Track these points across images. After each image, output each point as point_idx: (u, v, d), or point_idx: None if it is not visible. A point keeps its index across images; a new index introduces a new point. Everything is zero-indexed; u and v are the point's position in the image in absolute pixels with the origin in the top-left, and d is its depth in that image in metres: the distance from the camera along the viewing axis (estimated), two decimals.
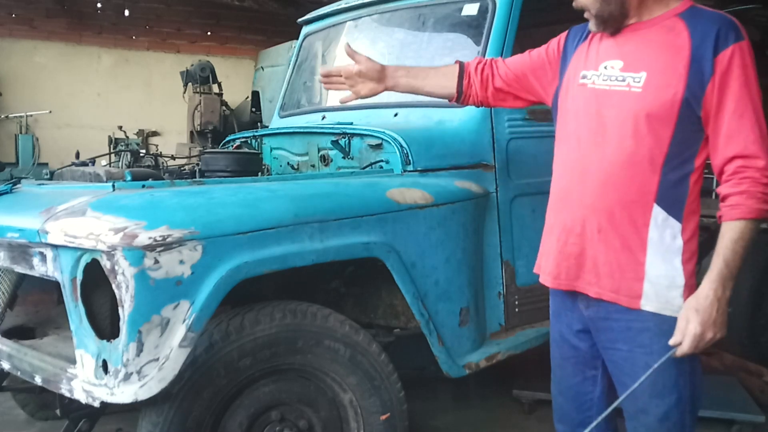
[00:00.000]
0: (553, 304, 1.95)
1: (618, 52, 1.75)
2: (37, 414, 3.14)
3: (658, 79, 1.65)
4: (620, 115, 1.69)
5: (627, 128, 1.68)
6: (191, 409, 2.02)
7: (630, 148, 1.68)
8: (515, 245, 2.88)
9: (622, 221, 1.70)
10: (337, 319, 2.27)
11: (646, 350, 1.70)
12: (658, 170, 1.66)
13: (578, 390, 1.91)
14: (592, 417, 1.88)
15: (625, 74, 1.70)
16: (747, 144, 1.59)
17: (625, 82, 1.70)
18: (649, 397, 1.72)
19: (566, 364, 1.92)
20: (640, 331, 1.71)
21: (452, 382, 2.69)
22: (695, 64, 1.61)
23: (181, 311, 1.90)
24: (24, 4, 8.76)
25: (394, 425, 2.36)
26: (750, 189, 1.58)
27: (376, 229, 2.32)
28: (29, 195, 2.40)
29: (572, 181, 1.80)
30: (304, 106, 3.77)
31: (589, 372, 1.89)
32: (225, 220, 2.01)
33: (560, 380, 1.95)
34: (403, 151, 2.65)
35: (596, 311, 1.78)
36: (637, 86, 1.67)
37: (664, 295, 1.68)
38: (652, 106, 1.65)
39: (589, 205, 1.74)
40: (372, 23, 3.50)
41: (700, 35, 1.62)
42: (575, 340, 1.89)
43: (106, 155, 6.74)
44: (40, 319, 2.62)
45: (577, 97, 1.81)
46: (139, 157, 6.04)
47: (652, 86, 1.65)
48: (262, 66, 8.72)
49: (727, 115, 1.61)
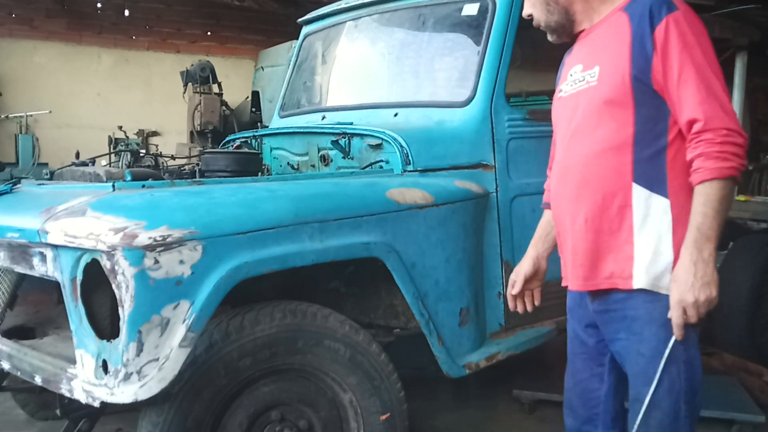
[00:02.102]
0: (568, 300, 2.01)
1: (577, 57, 1.86)
2: (37, 414, 3.14)
3: (608, 67, 1.73)
4: (585, 110, 1.77)
5: (593, 119, 1.75)
6: (191, 409, 2.02)
7: (599, 137, 1.74)
8: (515, 245, 2.88)
9: (605, 206, 1.74)
10: (337, 319, 2.27)
11: (638, 338, 1.74)
12: (629, 151, 1.71)
13: (586, 386, 1.95)
14: (599, 414, 1.92)
15: (584, 74, 1.80)
16: (694, 107, 1.63)
17: (584, 80, 1.79)
18: (641, 384, 1.74)
19: (577, 359, 1.97)
20: (634, 319, 1.74)
21: (452, 382, 2.69)
22: (636, 44, 1.68)
23: (181, 311, 1.90)
24: (24, 4, 8.75)
25: (394, 425, 2.36)
26: (705, 150, 1.61)
27: (376, 229, 2.32)
28: (29, 195, 2.40)
29: (558, 183, 1.89)
30: (304, 106, 3.77)
31: (596, 369, 1.93)
32: (225, 220, 2.01)
33: (572, 374, 2.00)
34: (403, 151, 2.65)
35: (599, 304, 1.82)
36: (593, 80, 1.76)
37: (654, 271, 1.70)
38: (607, 92, 1.72)
39: (573, 198, 1.81)
40: (372, 23, 3.50)
41: (637, 17, 1.70)
42: (584, 336, 1.94)
43: (106, 155, 6.74)
44: (40, 319, 2.62)
45: (557, 110, 1.93)
46: (139, 157, 6.04)
47: (604, 75, 1.73)
48: (262, 66, 8.71)
49: (673, 84, 1.66)
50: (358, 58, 3.70)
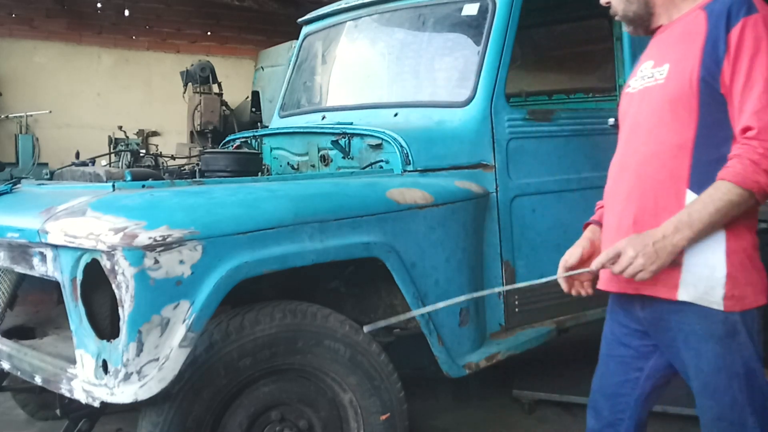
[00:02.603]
0: (610, 301, 1.94)
1: (650, 53, 1.79)
2: (37, 414, 3.14)
3: (678, 66, 1.66)
4: (649, 108, 1.71)
5: (655, 118, 1.69)
6: (191, 409, 2.02)
7: (658, 137, 1.68)
8: (515, 245, 2.88)
9: (656, 210, 1.67)
10: (337, 319, 2.27)
11: (695, 353, 1.68)
12: (688, 155, 1.63)
13: (616, 390, 1.88)
14: (624, 420, 1.86)
15: (653, 71, 1.73)
16: (751, 115, 1.57)
17: (653, 77, 1.72)
18: (705, 398, 1.70)
19: (611, 362, 1.90)
20: (689, 333, 1.68)
21: (452, 382, 2.69)
22: (710, 44, 1.61)
23: (181, 311, 1.90)
24: (24, 4, 8.76)
25: (394, 425, 2.36)
26: (744, 154, 1.55)
27: (376, 229, 2.32)
28: (29, 195, 2.40)
29: (613, 181, 1.82)
30: (304, 106, 3.77)
31: (631, 374, 1.86)
32: (225, 220, 2.01)
33: (602, 376, 1.93)
34: (403, 151, 2.65)
35: (649, 312, 1.76)
36: (661, 78, 1.69)
37: (703, 285, 1.63)
38: (673, 92, 1.65)
39: (624, 197, 1.74)
40: (372, 23, 3.50)
41: (715, 17, 1.62)
42: (626, 339, 1.86)
43: (106, 155, 6.75)
44: (40, 319, 2.62)
45: (623, 105, 1.86)
46: (139, 157, 6.05)
47: (673, 74, 1.66)
48: (262, 66, 8.72)
49: (738, 88, 1.59)
50: (358, 58, 3.70)
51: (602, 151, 3.16)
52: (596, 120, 3.14)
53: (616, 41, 3.26)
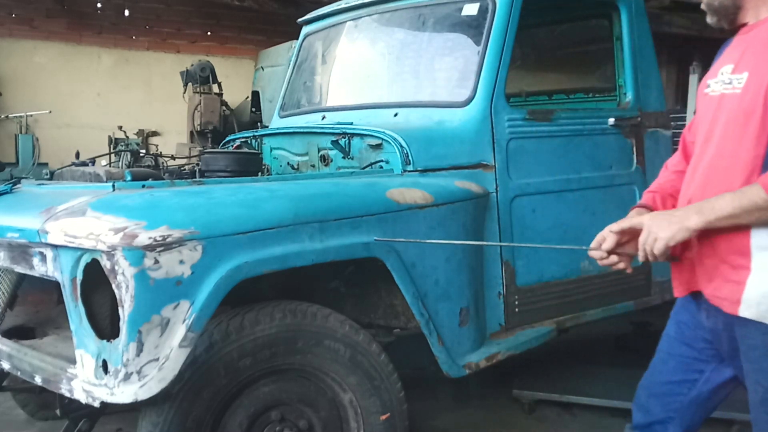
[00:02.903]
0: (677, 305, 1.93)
1: (732, 56, 1.72)
2: (37, 414, 3.14)
3: (756, 76, 1.60)
4: (724, 117, 1.67)
5: (728, 129, 1.65)
6: (191, 409, 2.02)
7: (728, 149, 1.64)
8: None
9: None
10: (337, 319, 2.27)
11: (756, 367, 1.67)
12: (758, 171, 1.58)
13: (672, 389, 1.88)
14: (675, 419, 1.87)
15: (732, 77, 1.67)
16: None
17: (731, 84, 1.67)
18: (759, 412, 1.72)
19: (671, 360, 1.89)
20: (751, 348, 1.67)
21: (452, 382, 2.69)
22: None
23: (181, 311, 1.90)
24: (24, 4, 8.75)
25: (394, 425, 2.36)
26: None
27: (376, 229, 2.32)
28: (29, 195, 2.40)
29: (686, 185, 1.78)
30: (304, 106, 3.77)
31: (690, 375, 1.86)
32: (225, 220, 2.01)
33: (659, 373, 1.93)
34: (403, 151, 2.65)
35: (715, 323, 1.75)
36: (739, 87, 1.64)
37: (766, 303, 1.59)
38: (748, 105, 1.60)
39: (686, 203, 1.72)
40: (372, 23, 3.50)
41: None
42: (690, 340, 1.85)
43: (106, 155, 6.74)
44: (40, 319, 2.62)
45: (701, 107, 1.81)
46: (139, 157, 6.05)
47: (750, 86, 1.61)
48: (262, 66, 8.71)
49: None
50: (358, 58, 3.70)
51: (602, 151, 3.18)
52: (596, 120, 3.14)
53: (616, 41, 3.26)
